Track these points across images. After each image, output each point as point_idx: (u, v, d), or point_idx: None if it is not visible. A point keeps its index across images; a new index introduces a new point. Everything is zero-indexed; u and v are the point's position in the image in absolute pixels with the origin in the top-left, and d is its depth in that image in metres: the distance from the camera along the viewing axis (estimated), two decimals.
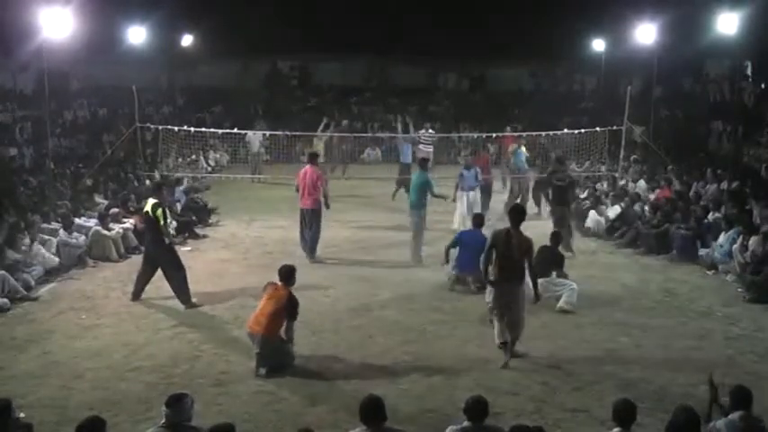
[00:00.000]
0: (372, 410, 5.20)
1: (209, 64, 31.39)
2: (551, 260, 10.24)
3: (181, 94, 31.26)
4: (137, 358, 8.22)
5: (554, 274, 10.13)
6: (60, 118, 23.59)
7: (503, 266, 7.87)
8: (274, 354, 7.82)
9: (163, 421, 5.25)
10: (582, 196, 16.54)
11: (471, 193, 14.67)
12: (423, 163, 13.45)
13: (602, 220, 14.64)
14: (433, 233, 13.59)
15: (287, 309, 7.80)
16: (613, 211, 14.82)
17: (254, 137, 21.77)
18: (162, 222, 10.01)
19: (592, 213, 14.89)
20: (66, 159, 18.92)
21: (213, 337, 8.92)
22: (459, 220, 14.50)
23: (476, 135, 23.56)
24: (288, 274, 8.02)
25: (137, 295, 10.30)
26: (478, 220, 11.29)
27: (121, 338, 8.85)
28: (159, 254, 10.11)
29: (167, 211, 10.50)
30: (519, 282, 7.97)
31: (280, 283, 7.99)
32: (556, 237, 10.70)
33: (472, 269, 10.36)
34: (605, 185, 17.30)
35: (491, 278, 7.99)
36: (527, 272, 8.06)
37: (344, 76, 33.06)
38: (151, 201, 10.18)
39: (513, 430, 5.21)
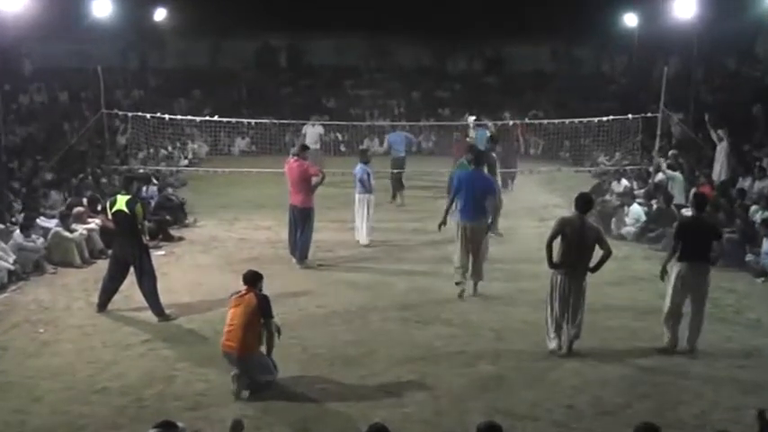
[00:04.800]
0: None
1: (186, 42, 31.38)
2: None
3: (153, 77, 31.26)
4: (103, 378, 8.22)
5: None
6: (14, 103, 23.59)
7: (569, 253, 8.66)
8: (255, 370, 7.83)
9: None
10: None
11: (359, 196, 13.81)
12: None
13: (635, 221, 14.65)
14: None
15: (261, 308, 7.81)
16: (634, 212, 14.77)
17: (314, 129, 21.16)
18: (141, 219, 10.11)
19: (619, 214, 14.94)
20: (21, 151, 18.93)
21: (190, 353, 8.92)
22: (359, 229, 14.05)
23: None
24: (254, 278, 8.04)
25: (103, 306, 10.32)
26: (479, 158, 11.25)
27: (85, 356, 8.85)
28: (136, 257, 10.12)
29: (144, 208, 10.53)
30: (584, 272, 8.73)
31: (244, 288, 8.00)
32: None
33: (471, 216, 10.51)
34: (635, 183, 17.28)
35: (555, 261, 8.72)
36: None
37: (339, 55, 33.06)
38: (123, 197, 10.16)
39: None
